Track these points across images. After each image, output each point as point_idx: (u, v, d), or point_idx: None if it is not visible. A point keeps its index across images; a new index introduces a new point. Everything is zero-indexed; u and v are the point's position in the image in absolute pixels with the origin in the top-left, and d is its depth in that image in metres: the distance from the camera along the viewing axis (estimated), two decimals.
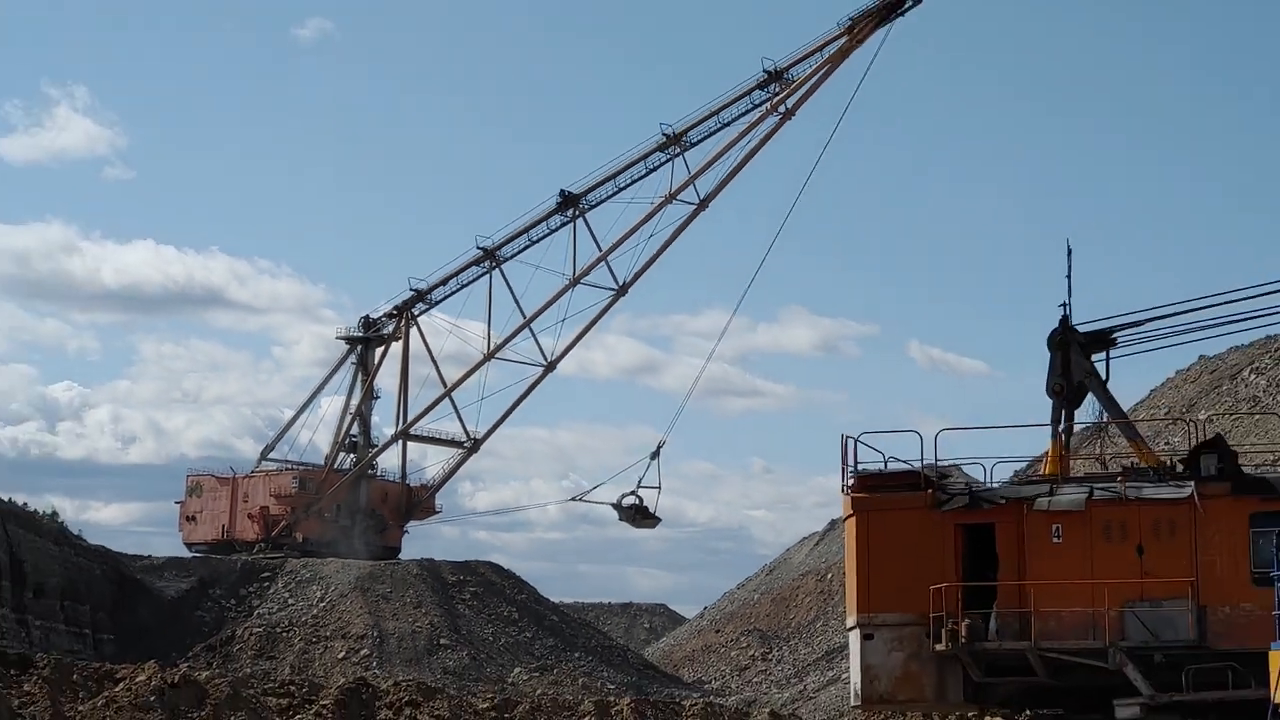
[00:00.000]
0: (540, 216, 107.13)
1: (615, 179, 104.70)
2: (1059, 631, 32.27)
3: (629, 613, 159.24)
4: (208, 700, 38.51)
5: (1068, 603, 32.30)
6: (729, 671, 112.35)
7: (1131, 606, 32.32)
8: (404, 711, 40.75)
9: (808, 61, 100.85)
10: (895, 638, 33.18)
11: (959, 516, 33.73)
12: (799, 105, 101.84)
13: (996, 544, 33.60)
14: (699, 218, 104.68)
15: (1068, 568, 31.95)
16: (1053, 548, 32.86)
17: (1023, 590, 32.96)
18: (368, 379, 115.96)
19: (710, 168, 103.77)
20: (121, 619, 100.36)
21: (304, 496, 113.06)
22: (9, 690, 36.76)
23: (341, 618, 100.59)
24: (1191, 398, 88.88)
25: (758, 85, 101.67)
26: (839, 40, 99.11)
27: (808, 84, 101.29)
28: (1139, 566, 32.68)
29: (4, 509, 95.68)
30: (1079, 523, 32.63)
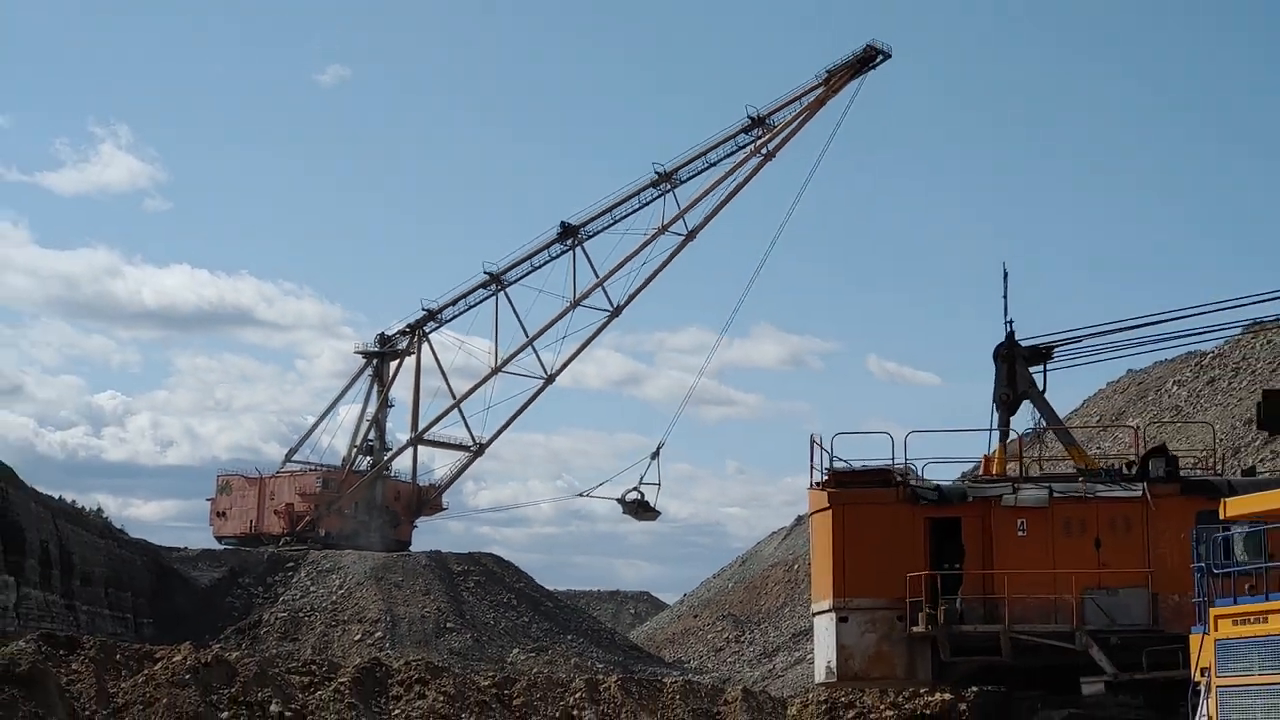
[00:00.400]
0: (542, 245, 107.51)
1: (611, 212, 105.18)
2: (1025, 616, 32.40)
3: (616, 600, 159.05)
4: (237, 678, 38.44)
5: (1033, 590, 32.44)
6: (706, 652, 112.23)
7: (1090, 594, 32.50)
8: (413, 688, 40.65)
9: (788, 108, 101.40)
10: (869, 620, 33.28)
11: (929, 511, 33.82)
12: (779, 148, 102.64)
13: (963, 536, 33.67)
14: (685, 247, 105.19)
15: (1031, 559, 32.08)
16: (1018, 540, 33.03)
17: (992, 578, 33.08)
18: (383, 389, 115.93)
19: (698, 204, 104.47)
20: (160, 605, 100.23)
21: (327, 495, 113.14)
22: (58, 668, 36.67)
23: (358, 604, 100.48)
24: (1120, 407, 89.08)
25: (742, 130, 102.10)
26: (817, 90, 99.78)
27: (787, 129, 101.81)
28: (1096, 558, 32.87)
29: (54, 506, 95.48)
30: (1042, 518, 32.85)
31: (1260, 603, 23.70)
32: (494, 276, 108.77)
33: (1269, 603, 23.50)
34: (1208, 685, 24.27)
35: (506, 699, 41.68)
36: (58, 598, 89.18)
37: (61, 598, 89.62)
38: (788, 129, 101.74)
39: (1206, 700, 24.26)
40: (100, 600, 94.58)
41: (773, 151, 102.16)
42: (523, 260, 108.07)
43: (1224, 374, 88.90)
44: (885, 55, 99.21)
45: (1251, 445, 63.57)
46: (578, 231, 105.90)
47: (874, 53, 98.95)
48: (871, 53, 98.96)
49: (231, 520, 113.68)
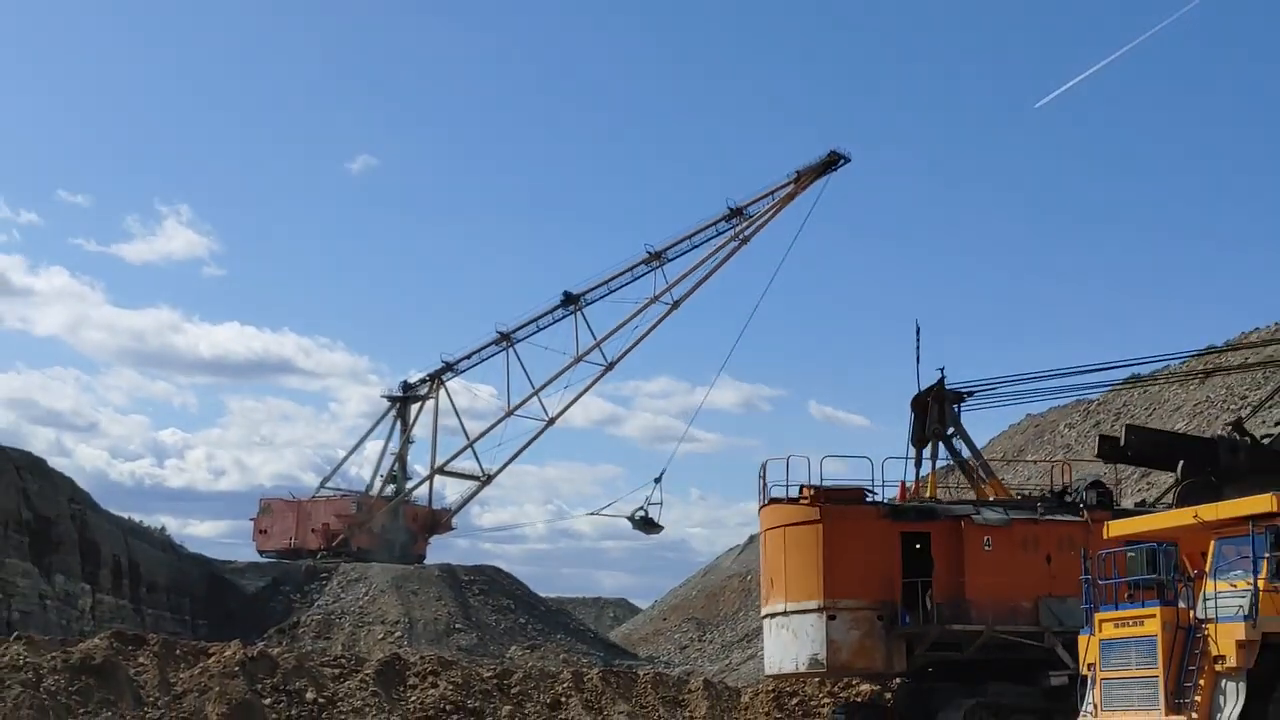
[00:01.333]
0: (547, 310, 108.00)
1: (609, 283, 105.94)
2: (991, 617, 32.54)
3: (598, 604, 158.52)
4: (278, 670, 38.27)
5: (998, 595, 32.58)
6: (673, 649, 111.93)
7: (1044, 600, 32.73)
8: (427, 679, 40.49)
9: (762, 201, 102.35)
10: (853, 619, 33.12)
11: (904, 526, 33.85)
12: (753, 235, 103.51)
13: (932, 548, 33.69)
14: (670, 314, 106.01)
15: (995, 568, 32.16)
16: (984, 553, 33.11)
17: (962, 583, 33.21)
18: (405, 428, 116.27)
19: (683, 279, 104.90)
20: (213, 609, 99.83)
21: (359, 517, 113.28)
22: (127, 661, 36.52)
23: (381, 608, 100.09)
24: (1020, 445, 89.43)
25: (722, 218, 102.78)
26: (788, 187, 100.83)
27: (762, 219, 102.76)
28: (1048, 571, 33.06)
29: (125, 525, 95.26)
30: (1005, 536, 32.93)
31: (1137, 609, 23.80)
32: (505, 335, 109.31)
33: (1143, 609, 23.61)
34: (1093, 678, 24.34)
35: (506, 688, 41.53)
36: (127, 602, 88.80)
37: (130, 602, 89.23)
38: (762, 219, 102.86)
39: (1092, 691, 24.32)
40: (163, 604, 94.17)
41: (747, 237, 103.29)
42: (530, 322, 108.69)
43: (1107, 418, 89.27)
44: (846, 159, 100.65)
45: (1130, 478, 63.76)
46: (578, 299, 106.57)
47: (836, 157, 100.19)
48: (835, 157, 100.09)
49: (272, 537, 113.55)
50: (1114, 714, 23.77)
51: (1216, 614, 22.80)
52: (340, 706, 37.74)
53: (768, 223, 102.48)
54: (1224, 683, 22.37)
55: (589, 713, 41.07)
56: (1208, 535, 24.17)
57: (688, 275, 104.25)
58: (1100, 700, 24.05)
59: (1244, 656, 22.17)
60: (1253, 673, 22.25)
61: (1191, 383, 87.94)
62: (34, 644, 37.13)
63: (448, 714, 38.60)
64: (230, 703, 35.56)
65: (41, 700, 33.36)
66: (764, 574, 36.33)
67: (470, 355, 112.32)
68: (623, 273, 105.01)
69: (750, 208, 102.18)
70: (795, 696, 40.15)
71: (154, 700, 35.36)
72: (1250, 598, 22.55)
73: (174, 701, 35.50)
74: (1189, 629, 22.96)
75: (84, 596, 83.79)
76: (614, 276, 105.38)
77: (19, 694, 33.27)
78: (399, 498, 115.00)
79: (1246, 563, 23.02)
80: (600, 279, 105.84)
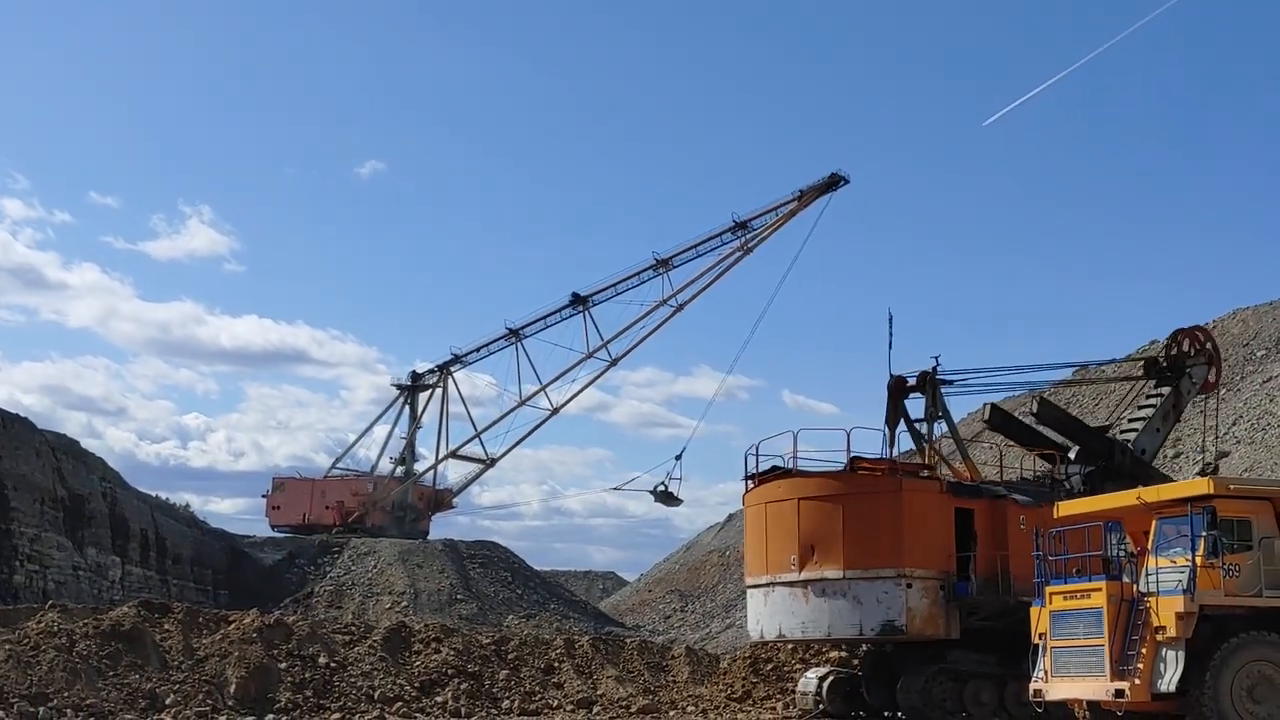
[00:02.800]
0: (555, 309, 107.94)
1: (615, 286, 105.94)
2: (1028, 590, 31.37)
3: (588, 577, 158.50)
4: (293, 636, 38.20)
5: (1030, 570, 31.37)
6: (658, 619, 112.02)
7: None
8: (431, 645, 40.44)
9: (766, 216, 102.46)
10: (924, 587, 31.73)
11: (958, 501, 32.93)
12: (756, 246, 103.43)
13: (975, 524, 32.97)
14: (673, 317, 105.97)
15: (1030, 545, 31.05)
16: (1020, 531, 32.43)
17: (1006, 557, 32.39)
18: (414, 415, 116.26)
19: (688, 285, 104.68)
20: (233, 580, 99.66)
21: (376, 495, 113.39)
22: (153, 628, 36.44)
23: (388, 579, 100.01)
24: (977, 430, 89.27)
25: (727, 230, 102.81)
26: (791, 204, 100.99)
27: (765, 233, 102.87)
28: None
29: (152, 502, 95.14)
30: (1034, 515, 31.92)
31: (1085, 583, 23.85)
32: (513, 331, 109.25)
33: (1089, 584, 23.65)
34: (1044, 647, 24.38)
35: (503, 654, 41.50)
36: (154, 573, 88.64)
37: (156, 573, 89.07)
38: (765, 233, 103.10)
39: (1043, 658, 24.37)
40: (187, 576, 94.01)
41: (751, 248, 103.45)
42: (538, 320, 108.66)
43: None
44: (845, 180, 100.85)
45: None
46: (587, 300, 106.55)
47: (837, 179, 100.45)
48: (836, 179, 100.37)
49: (285, 512, 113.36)
50: (1063, 680, 23.82)
51: (1158, 588, 22.87)
52: (350, 670, 37.69)
53: (770, 235, 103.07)
54: (1164, 651, 22.44)
55: (580, 677, 41.06)
56: (1150, 515, 24.22)
57: (694, 282, 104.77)
58: (1050, 667, 24.10)
59: (1183, 627, 22.25)
60: (1191, 642, 22.33)
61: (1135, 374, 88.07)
62: (67, 612, 37.07)
63: (449, 677, 38.56)
64: (249, 666, 35.49)
65: (74, 664, 33.32)
66: (799, 541, 33.20)
67: (479, 349, 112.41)
68: (630, 277, 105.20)
69: (754, 221, 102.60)
70: (770, 663, 40.14)
71: (178, 664, 35.30)
72: (1189, 573, 22.63)
73: (196, 665, 35.43)
74: (1132, 602, 23.03)
75: (114, 568, 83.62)
76: (622, 280, 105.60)
77: (53, 658, 33.23)
78: (412, 479, 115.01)
79: (1185, 541, 23.09)
80: (608, 282, 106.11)
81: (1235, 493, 23.52)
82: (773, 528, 34.31)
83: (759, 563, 34.83)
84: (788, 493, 34.09)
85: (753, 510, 35.55)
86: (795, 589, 33.21)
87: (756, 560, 35.15)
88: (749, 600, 35.94)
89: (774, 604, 33.81)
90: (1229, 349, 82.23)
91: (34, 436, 79.80)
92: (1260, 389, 70.90)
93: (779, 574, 33.74)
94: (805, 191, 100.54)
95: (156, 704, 33.00)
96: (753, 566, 35.55)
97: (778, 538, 34.06)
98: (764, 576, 34.32)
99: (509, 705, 37.47)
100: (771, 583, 33.97)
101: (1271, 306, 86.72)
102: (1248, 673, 22.29)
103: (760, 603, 34.46)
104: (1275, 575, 23.05)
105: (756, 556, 35.14)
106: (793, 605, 33.21)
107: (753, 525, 35.70)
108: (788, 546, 33.48)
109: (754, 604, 35.15)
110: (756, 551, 35.21)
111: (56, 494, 79.25)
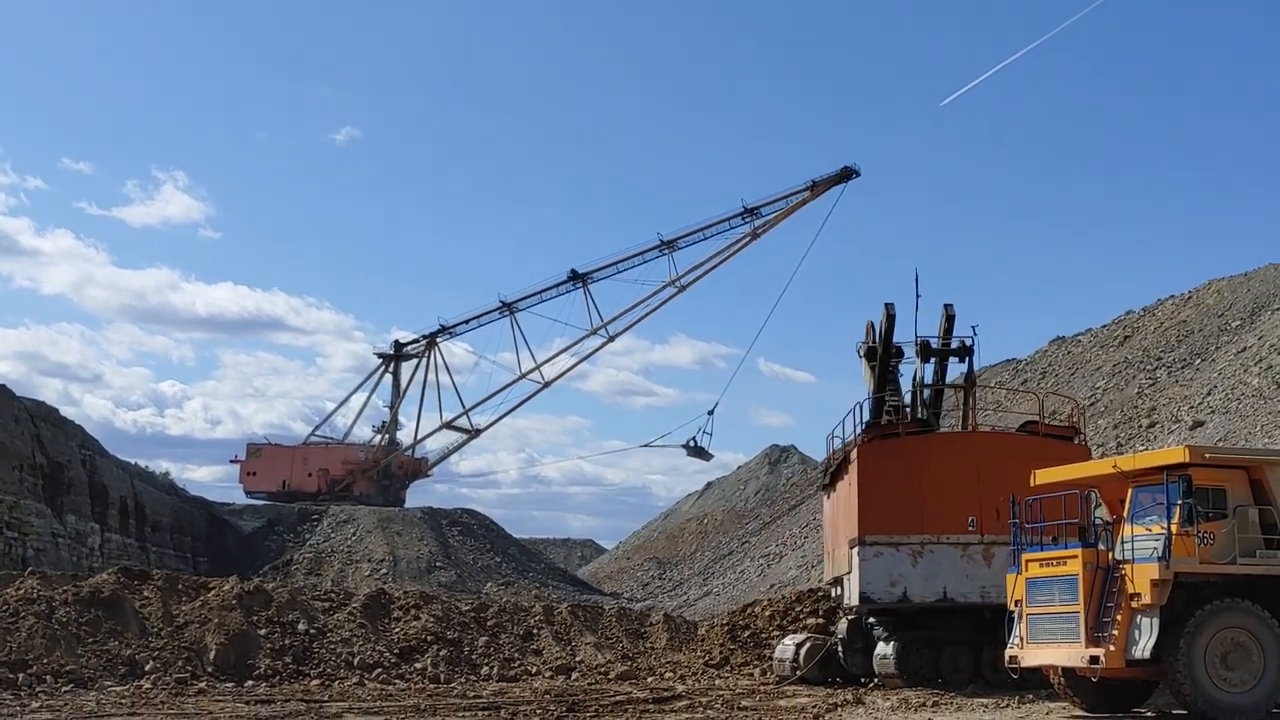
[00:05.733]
0: (553, 284, 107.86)
1: (617, 265, 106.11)
2: None
3: (567, 545, 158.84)
4: (272, 603, 38.17)
5: None
6: (636, 586, 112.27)
7: None
8: (410, 611, 40.46)
9: (777, 204, 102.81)
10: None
11: None
12: (764, 232, 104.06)
13: None
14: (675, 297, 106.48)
15: None
16: None
17: None
18: (397, 384, 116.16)
19: (695, 269, 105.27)
20: (213, 547, 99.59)
21: (365, 464, 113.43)
22: (133, 595, 36.37)
23: (368, 547, 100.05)
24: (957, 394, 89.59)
25: (736, 215, 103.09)
26: (803, 193, 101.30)
27: (775, 221, 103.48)
28: None
29: (130, 469, 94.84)
30: None
31: (1060, 550, 23.92)
32: (507, 304, 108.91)
33: (1065, 551, 23.73)
34: (1020, 613, 24.46)
35: (482, 620, 41.54)
36: (133, 540, 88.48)
37: (136, 541, 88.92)
38: (775, 220, 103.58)
39: (1019, 625, 24.46)
40: (166, 543, 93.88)
41: (759, 233, 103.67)
42: (533, 294, 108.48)
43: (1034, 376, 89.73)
44: (857, 173, 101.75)
45: None
46: (586, 277, 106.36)
47: (850, 172, 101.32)
48: (848, 172, 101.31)
49: (262, 479, 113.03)
50: (1038, 647, 23.92)
51: (1133, 555, 22.95)
52: (330, 637, 37.68)
53: (779, 223, 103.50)
54: (1139, 618, 22.53)
55: (558, 643, 41.12)
56: (1126, 483, 24.29)
57: (700, 265, 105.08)
58: (1026, 634, 24.18)
59: (1158, 594, 22.32)
60: (1165, 609, 22.41)
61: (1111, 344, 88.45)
62: (46, 579, 36.95)
63: (429, 644, 38.58)
64: (228, 633, 35.46)
65: (53, 630, 33.24)
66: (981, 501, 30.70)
67: (469, 321, 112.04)
68: (633, 256, 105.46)
69: (764, 209, 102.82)
70: (748, 629, 40.26)
71: (158, 631, 35.25)
72: (1164, 541, 22.70)
73: (176, 632, 35.38)
74: (1108, 569, 23.10)
75: (93, 535, 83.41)
76: (624, 259, 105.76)
77: (33, 625, 33.15)
78: (400, 450, 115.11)
79: (1161, 509, 23.15)
80: (610, 260, 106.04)
81: (1211, 461, 23.58)
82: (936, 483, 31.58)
83: (911, 519, 31.73)
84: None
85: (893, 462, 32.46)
86: (972, 550, 31.19)
87: (909, 517, 31.87)
88: (860, 558, 32.17)
89: (930, 564, 31.39)
90: (1204, 320, 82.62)
91: (12, 404, 79.42)
92: (1235, 359, 71.20)
93: (943, 534, 31.43)
94: (818, 182, 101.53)
95: (136, 670, 32.96)
96: (895, 523, 32.04)
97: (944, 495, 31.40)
98: (913, 536, 31.57)
99: (488, 671, 37.51)
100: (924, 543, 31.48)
101: (1246, 278, 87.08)
102: (1221, 639, 22.40)
103: (900, 562, 31.68)
104: (1249, 543, 23.13)
105: (911, 512, 31.84)
106: (968, 569, 31.20)
107: (898, 477, 32.26)
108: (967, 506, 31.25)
109: (880, 563, 31.97)
110: (904, 506, 31.89)
111: (35, 461, 78.93)
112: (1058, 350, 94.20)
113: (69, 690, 30.17)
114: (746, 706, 26.06)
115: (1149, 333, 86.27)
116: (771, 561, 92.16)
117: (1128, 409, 72.53)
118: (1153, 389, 74.40)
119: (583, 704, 26.38)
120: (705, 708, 25.57)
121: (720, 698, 28.49)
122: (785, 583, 76.74)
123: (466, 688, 33.75)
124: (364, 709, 25.50)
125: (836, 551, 35.47)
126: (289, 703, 27.33)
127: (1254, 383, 65.54)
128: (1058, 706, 25.42)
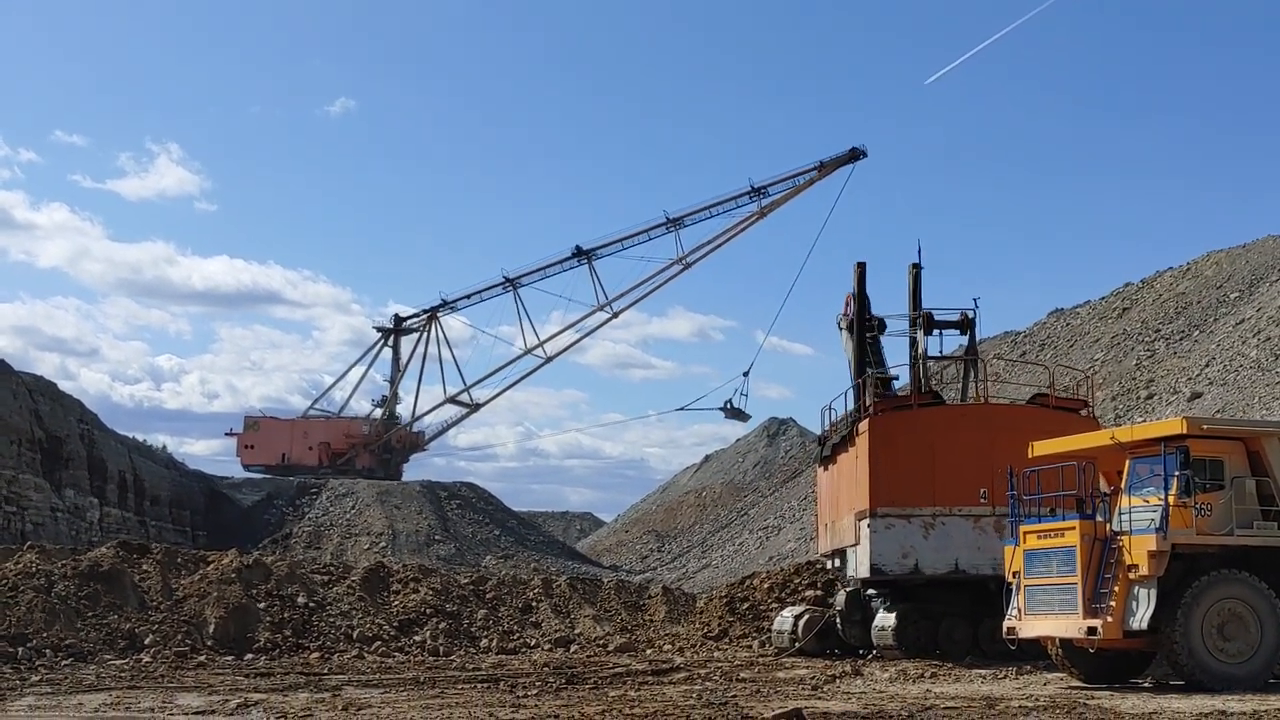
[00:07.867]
0: (557, 260, 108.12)
1: (622, 241, 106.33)
2: None
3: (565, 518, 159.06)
4: (272, 577, 38.23)
5: None
6: (634, 559, 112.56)
7: None
8: (409, 585, 40.54)
9: (785, 184, 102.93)
10: None
11: None
12: (770, 211, 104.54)
13: None
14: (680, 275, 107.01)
15: None
16: None
17: None
18: (396, 358, 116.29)
19: (702, 247, 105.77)
20: (212, 520, 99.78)
21: (365, 438, 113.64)
22: (132, 569, 36.42)
23: (367, 520, 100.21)
24: None
25: (744, 194, 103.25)
26: (811, 173, 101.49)
27: (782, 200, 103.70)
28: None
29: (129, 443, 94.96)
30: None
31: (1057, 522, 23.94)
32: (510, 280, 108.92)
33: (1063, 523, 23.74)
34: (1018, 585, 24.49)
35: (481, 593, 41.64)
36: (132, 514, 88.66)
37: (135, 515, 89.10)
38: (782, 200, 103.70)
39: (1017, 596, 24.49)
40: (165, 516, 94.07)
41: (765, 213, 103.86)
42: (536, 270, 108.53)
43: (1032, 349, 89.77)
44: (864, 154, 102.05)
45: None
46: (590, 254, 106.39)
47: (857, 153, 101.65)
48: (856, 152, 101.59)
49: (260, 452, 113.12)
50: (1036, 618, 23.95)
51: (1131, 527, 22.95)
52: (329, 610, 37.75)
53: (786, 202, 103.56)
54: (1137, 589, 22.55)
55: (557, 616, 41.22)
56: (1123, 455, 24.28)
57: (707, 243, 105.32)
58: (1024, 605, 24.21)
59: (1155, 565, 22.34)
60: (1163, 580, 22.44)
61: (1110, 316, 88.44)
62: (45, 553, 36.99)
63: (428, 617, 38.66)
64: (227, 606, 35.51)
65: (53, 604, 33.28)
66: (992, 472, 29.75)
67: (470, 295, 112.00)
68: (639, 233, 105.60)
69: (772, 188, 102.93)
70: (746, 601, 40.36)
71: (157, 604, 35.31)
72: (1161, 512, 22.70)
73: (175, 605, 35.44)
74: (1105, 541, 23.11)
75: (92, 509, 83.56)
76: (629, 236, 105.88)
77: (32, 599, 33.18)
78: (403, 424, 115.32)
79: (1158, 480, 23.15)
80: (615, 236, 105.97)
81: (1208, 433, 23.55)
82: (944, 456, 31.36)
83: (923, 492, 31.50)
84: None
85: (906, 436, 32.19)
86: (984, 522, 30.95)
87: (920, 489, 31.63)
88: (872, 530, 31.80)
89: (942, 536, 31.22)
90: (1203, 291, 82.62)
91: (10, 378, 79.47)
92: (1233, 330, 71.24)
93: (955, 506, 31.21)
94: (826, 163, 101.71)
95: (135, 644, 33.01)
96: (907, 495, 31.82)
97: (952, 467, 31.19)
98: (925, 508, 31.39)
99: (487, 644, 37.60)
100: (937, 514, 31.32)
101: (1244, 249, 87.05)
102: (1218, 610, 22.43)
103: (912, 534, 31.49)
104: (1246, 514, 23.14)
105: (923, 484, 31.57)
106: (980, 540, 30.99)
107: (910, 449, 31.98)
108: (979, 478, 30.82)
109: (892, 535, 31.82)
110: (915, 478, 31.64)
111: (34, 435, 78.99)
112: (1056, 322, 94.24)
113: (68, 664, 30.21)
114: (745, 678, 26.12)
115: (1147, 305, 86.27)
116: (770, 534, 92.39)
117: (1126, 381, 72.59)
118: (1151, 361, 74.45)
119: (581, 676, 26.43)
120: (704, 679, 25.63)
121: (719, 669, 28.55)
122: (784, 555, 76.93)
123: (466, 660, 33.83)
124: (363, 682, 25.55)
125: (836, 524, 35.44)
126: (288, 676, 27.38)
127: (1252, 354, 65.56)
128: (1055, 677, 25.47)
